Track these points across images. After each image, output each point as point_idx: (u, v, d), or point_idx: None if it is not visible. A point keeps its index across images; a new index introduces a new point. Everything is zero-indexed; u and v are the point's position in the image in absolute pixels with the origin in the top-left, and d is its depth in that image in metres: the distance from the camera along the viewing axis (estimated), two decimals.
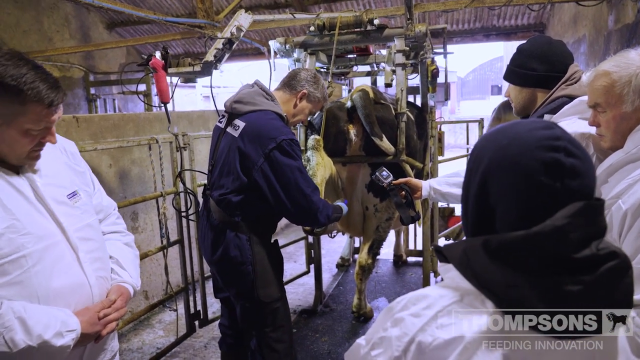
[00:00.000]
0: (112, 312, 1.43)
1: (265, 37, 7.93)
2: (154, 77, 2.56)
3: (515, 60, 1.89)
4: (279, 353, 2.28)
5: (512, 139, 0.81)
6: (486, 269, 0.75)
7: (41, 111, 1.24)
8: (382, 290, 4.23)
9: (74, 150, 1.58)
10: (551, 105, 1.77)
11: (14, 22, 6.59)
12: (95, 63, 8.07)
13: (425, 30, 2.95)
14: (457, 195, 2.18)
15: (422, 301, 0.81)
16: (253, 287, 2.21)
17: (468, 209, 0.87)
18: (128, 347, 3.60)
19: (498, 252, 0.74)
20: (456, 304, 0.78)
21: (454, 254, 0.82)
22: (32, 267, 1.26)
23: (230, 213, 2.19)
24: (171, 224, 3.38)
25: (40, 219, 1.31)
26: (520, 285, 0.72)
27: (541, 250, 0.71)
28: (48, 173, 1.40)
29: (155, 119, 4.21)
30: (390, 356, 0.79)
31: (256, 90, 2.23)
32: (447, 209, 4.57)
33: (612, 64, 1.39)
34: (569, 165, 0.75)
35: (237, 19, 2.68)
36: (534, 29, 7.89)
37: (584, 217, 0.72)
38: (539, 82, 1.83)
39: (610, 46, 4.74)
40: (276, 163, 2.05)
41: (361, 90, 3.00)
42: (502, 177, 0.79)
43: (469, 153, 0.91)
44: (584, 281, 0.70)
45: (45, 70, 1.27)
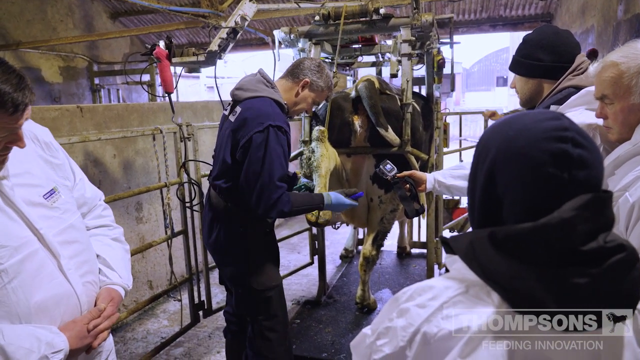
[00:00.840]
0: (103, 322, 1.31)
1: (270, 27, 7.88)
2: (158, 67, 2.55)
3: (521, 50, 1.87)
4: (272, 342, 2.29)
5: (519, 130, 0.80)
6: (492, 261, 0.75)
7: (3, 118, 1.06)
8: (386, 282, 4.24)
9: (48, 139, 1.37)
10: (558, 95, 1.76)
11: (18, 12, 6.57)
12: (99, 53, 8.06)
13: (431, 19, 2.91)
14: (462, 188, 2.15)
15: (428, 292, 0.81)
16: (245, 273, 2.23)
17: (475, 201, 0.87)
18: (133, 336, 3.63)
19: (504, 244, 0.74)
20: (462, 295, 0.78)
21: (461, 245, 0.82)
22: (9, 284, 1.12)
23: (225, 198, 2.21)
24: (175, 215, 3.39)
25: (14, 228, 1.15)
26: (526, 277, 0.72)
27: (548, 242, 0.71)
28: (18, 172, 1.22)
29: (159, 109, 4.20)
30: (396, 346, 0.79)
31: (257, 77, 2.23)
32: (452, 201, 4.56)
33: (620, 55, 1.37)
34: (577, 156, 0.74)
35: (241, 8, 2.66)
36: (541, 19, 7.80)
37: (591, 209, 0.72)
38: (545, 73, 1.81)
39: (620, 37, 4.67)
40: (256, 143, 2.02)
41: (366, 80, 2.97)
42: (509, 169, 0.79)
43: (476, 145, 0.92)
44: (591, 274, 0.69)
45: (9, 67, 1.08)
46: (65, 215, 1.31)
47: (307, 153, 2.85)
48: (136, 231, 4.00)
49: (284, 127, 2.08)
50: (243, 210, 2.19)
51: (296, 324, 3.40)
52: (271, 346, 2.30)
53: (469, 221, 0.92)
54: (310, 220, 2.76)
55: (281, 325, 2.35)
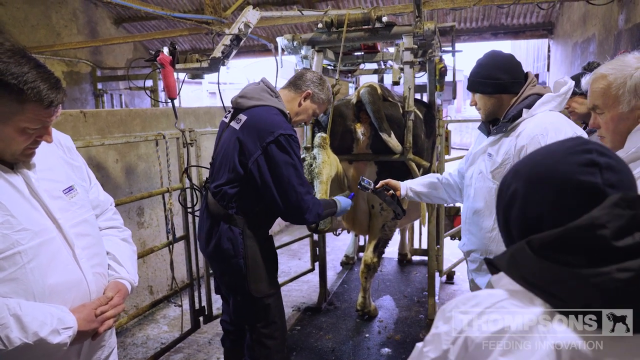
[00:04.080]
0: (109, 309, 1.41)
1: (272, 34, 7.92)
2: (162, 73, 2.56)
3: (479, 72, 2.10)
4: (270, 349, 2.29)
5: (544, 155, 0.86)
6: (533, 267, 0.77)
7: (40, 111, 1.22)
8: (387, 289, 4.23)
9: (69, 144, 1.54)
10: (525, 102, 2.02)
11: (23, 17, 6.62)
12: (103, 58, 8.11)
13: (433, 27, 2.93)
14: (427, 194, 2.50)
15: (471, 300, 0.84)
16: (244, 281, 2.23)
17: (511, 229, 0.90)
18: (132, 341, 3.62)
19: (541, 250, 0.76)
20: (504, 301, 0.80)
21: (503, 260, 0.85)
22: (28, 264, 1.24)
23: (226, 205, 2.21)
24: (177, 220, 3.39)
25: (36, 215, 1.28)
26: (568, 280, 0.73)
27: (581, 242, 0.73)
28: (43, 168, 1.37)
29: (162, 115, 4.22)
30: (439, 349, 0.82)
31: (261, 86, 2.26)
32: (453, 209, 4.54)
33: (609, 67, 1.47)
34: (604, 162, 0.78)
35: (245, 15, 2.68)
36: (542, 27, 7.84)
37: (622, 206, 0.73)
38: (504, 89, 2.06)
39: (621, 46, 4.69)
40: (272, 157, 2.06)
41: (369, 86, 2.98)
42: (542, 188, 0.83)
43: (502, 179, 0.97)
44: (632, 268, 0.69)
45: (47, 69, 1.24)
46: (81, 210, 1.44)
47: (308, 159, 2.86)
48: (137, 236, 4.00)
49: (294, 134, 2.13)
50: (245, 215, 2.20)
51: (296, 331, 3.39)
52: (269, 354, 2.30)
53: (505, 244, 0.95)
54: (311, 227, 2.77)
55: (279, 332, 2.34)
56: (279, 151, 2.06)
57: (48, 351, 1.24)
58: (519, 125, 1.99)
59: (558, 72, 7.89)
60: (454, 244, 4.50)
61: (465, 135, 18.84)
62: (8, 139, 1.22)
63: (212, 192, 2.27)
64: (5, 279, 1.21)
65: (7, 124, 1.20)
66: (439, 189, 2.48)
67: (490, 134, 2.12)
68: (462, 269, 4.63)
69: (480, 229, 2.12)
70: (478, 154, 2.16)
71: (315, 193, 2.67)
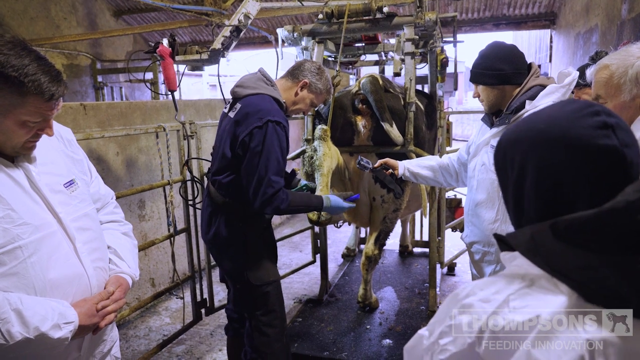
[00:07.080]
0: (111, 304, 1.41)
1: (273, 25, 7.88)
2: (162, 65, 2.55)
3: (482, 64, 2.08)
4: (269, 337, 2.31)
5: (547, 122, 0.78)
6: (557, 253, 0.71)
7: (40, 104, 1.21)
8: (388, 281, 4.24)
9: (70, 137, 1.53)
10: (529, 92, 2.01)
11: (22, 9, 6.58)
12: (102, 51, 8.07)
13: (435, 18, 2.90)
14: (424, 176, 2.51)
15: (491, 286, 0.77)
16: (243, 268, 2.25)
17: (523, 204, 0.84)
18: (135, 333, 3.64)
19: (568, 234, 0.70)
20: (527, 287, 0.74)
21: (520, 240, 0.78)
22: (28, 258, 1.23)
23: (224, 194, 2.23)
24: (178, 212, 3.39)
25: (36, 209, 1.28)
26: (597, 266, 0.67)
27: (616, 227, 0.66)
28: (44, 161, 1.36)
29: (162, 107, 4.20)
30: (463, 343, 0.75)
31: (257, 75, 2.28)
32: (454, 200, 4.54)
33: (612, 58, 1.50)
34: (614, 122, 0.74)
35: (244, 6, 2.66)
36: (545, 18, 7.78)
37: None
38: (507, 80, 2.04)
39: (624, 36, 4.66)
40: (255, 139, 2.05)
41: (370, 76, 2.97)
42: (558, 155, 0.77)
43: (494, 153, 0.90)
44: None
45: (48, 62, 1.23)
46: (82, 204, 1.43)
47: (309, 152, 2.85)
48: (139, 229, 4.01)
49: (283, 122, 2.11)
50: (242, 205, 2.21)
51: (298, 322, 3.41)
52: (269, 342, 2.32)
53: (512, 222, 0.89)
54: (312, 219, 2.76)
55: (279, 321, 2.36)
56: (263, 136, 2.05)
57: (49, 346, 1.24)
58: (522, 116, 1.98)
59: (560, 63, 7.84)
60: (455, 235, 4.51)
61: (467, 126, 18.79)
62: (8, 132, 1.21)
63: (211, 181, 2.31)
64: (6, 274, 1.20)
65: (7, 117, 1.19)
66: (435, 172, 2.49)
67: (493, 125, 2.12)
68: (463, 260, 4.65)
69: (482, 220, 2.12)
70: (481, 146, 2.15)
71: (316, 186, 2.66)
